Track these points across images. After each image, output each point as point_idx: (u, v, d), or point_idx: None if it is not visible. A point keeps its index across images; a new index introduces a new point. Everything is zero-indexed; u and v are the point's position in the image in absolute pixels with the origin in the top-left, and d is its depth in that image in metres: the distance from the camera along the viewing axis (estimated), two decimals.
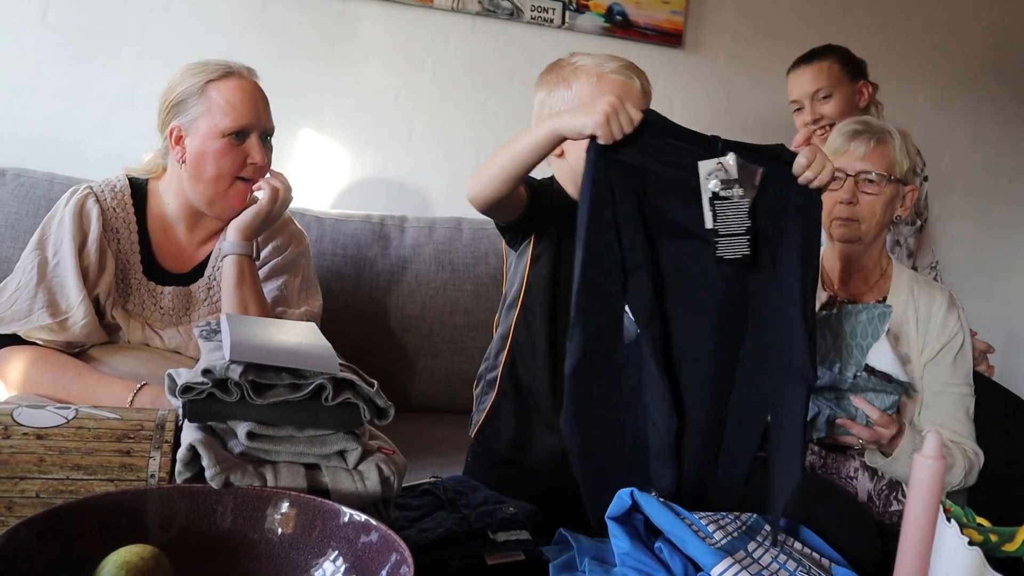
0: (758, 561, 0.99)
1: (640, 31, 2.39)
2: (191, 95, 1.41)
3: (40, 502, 0.83)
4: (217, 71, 1.42)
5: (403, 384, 1.96)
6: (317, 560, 0.81)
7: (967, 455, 1.46)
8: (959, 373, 1.53)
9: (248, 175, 1.44)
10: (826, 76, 2.01)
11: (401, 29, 2.24)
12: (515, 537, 1.01)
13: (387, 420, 0.93)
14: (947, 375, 1.51)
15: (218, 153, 1.40)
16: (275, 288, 1.49)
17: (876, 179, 1.50)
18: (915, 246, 2.15)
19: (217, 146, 1.40)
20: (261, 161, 1.43)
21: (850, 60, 2.04)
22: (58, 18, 2.02)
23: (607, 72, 1.37)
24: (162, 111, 1.44)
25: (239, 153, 1.42)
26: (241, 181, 1.43)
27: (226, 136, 1.40)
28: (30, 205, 1.76)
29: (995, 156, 2.82)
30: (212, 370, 0.87)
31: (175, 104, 1.42)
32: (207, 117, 1.39)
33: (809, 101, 2.03)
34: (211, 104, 1.40)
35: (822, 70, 2.01)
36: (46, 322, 1.32)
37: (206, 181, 1.41)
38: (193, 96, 1.40)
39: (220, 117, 1.39)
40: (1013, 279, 2.89)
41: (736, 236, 1.11)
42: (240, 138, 1.41)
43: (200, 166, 1.40)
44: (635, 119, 1.10)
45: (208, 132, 1.39)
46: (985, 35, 2.74)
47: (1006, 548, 0.96)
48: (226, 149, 1.40)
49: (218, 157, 1.40)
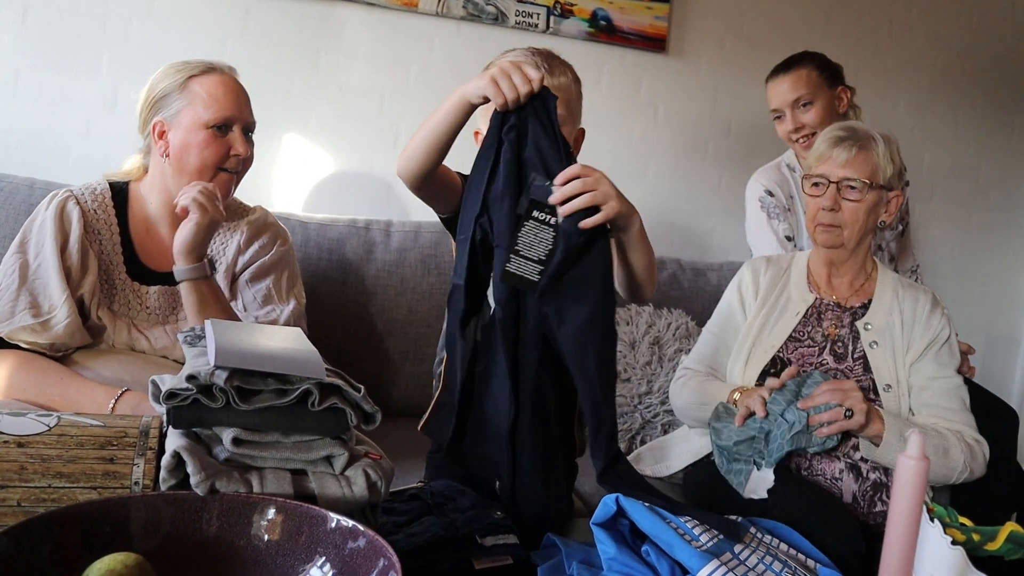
0: (744, 563, 0.99)
1: (624, 36, 2.40)
2: (173, 90, 1.42)
3: (22, 511, 0.82)
4: (199, 67, 1.45)
5: (389, 389, 1.96)
6: (304, 567, 0.81)
7: (964, 440, 1.46)
8: (948, 365, 1.54)
9: (231, 166, 1.46)
10: (805, 84, 2.02)
11: (385, 33, 2.24)
12: (503, 541, 1.00)
13: (374, 425, 0.93)
14: (934, 369, 1.53)
15: (201, 144, 1.42)
16: (263, 287, 1.49)
17: (858, 186, 1.51)
18: (897, 250, 2.17)
19: (200, 137, 1.41)
20: (245, 152, 1.46)
21: (827, 66, 2.05)
22: (38, 23, 2.00)
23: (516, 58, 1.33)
24: (143, 110, 1.46)
25: (222, 144, 1.44)
26: (224, 172, 1.45)
27: (209, 128, 1.42)
28: (10, 211, 1.74)
29: (974, 161, 2.86)
30: (197, 376, 0.86)
31: (157, 100, 1.43)
32: (190, 110, 1.41)
33: (790, 110, 2.03)
34: (193, 97, 1.42)
35: (801, 78, 2.02)
36: (28, 322, 1.32)
37: (189, 173, 1.43)
38: (175, 91, 1.42)
39: (203, 109, 1.41)
40: (992, 283, 2.93)
41: (529, 261, 1.11)
42: (223, 130, 1.44)
43: (183, 158, 1.42)
44: (532, 77, 1.11)
45: (191, 124, 1.41)
46: (964, 41, 2.78)
47: (988, 547, 0.97)
48: (209, 140, 1.42)
49: (201, 148, 1.42)
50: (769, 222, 2.05)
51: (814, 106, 2.02)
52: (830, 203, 1.52)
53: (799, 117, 2.03)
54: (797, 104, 2.03)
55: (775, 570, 1.00)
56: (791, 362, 1.54)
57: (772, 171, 2.13)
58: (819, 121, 2.00)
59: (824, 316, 1.58)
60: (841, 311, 1.59)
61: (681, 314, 2.18)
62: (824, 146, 1.56)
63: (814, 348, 1.56)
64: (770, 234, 2.04)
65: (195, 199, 1.36)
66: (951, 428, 1.47)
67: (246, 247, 1.51)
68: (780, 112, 2.06)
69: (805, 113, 2.03)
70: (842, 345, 1.55)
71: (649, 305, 2.17)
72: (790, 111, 2.04)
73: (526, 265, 1.11)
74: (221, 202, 1.40)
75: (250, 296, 1.48)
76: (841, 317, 1.58)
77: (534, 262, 1.11)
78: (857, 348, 1.55)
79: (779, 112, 2.07)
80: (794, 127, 2.03)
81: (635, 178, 2.46)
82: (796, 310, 1.60)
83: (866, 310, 1.58)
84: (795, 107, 2.03)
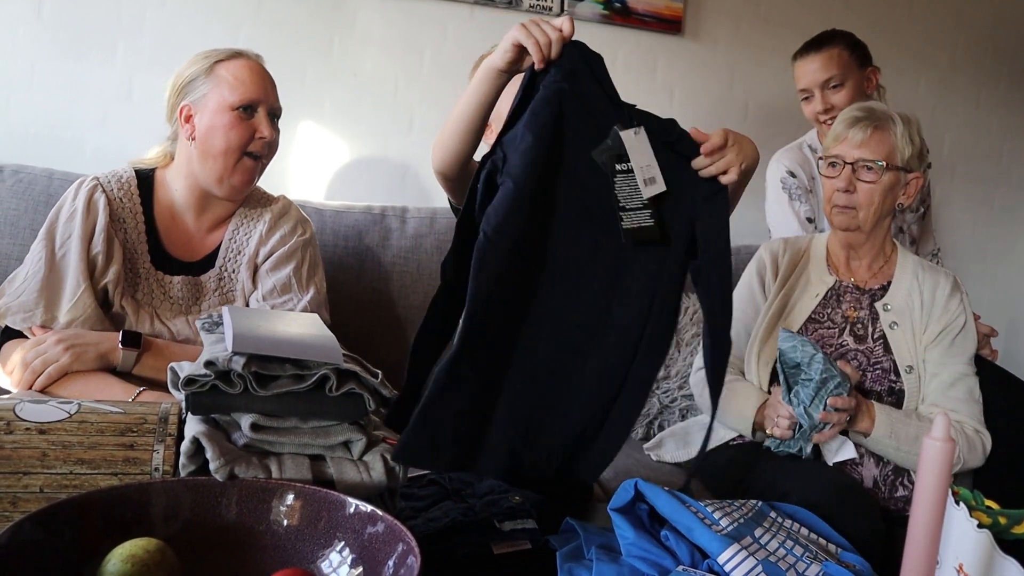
0: (765, 547, 0.98)
1: (639, 18, 2.38)
2: (199, 75, 1.44)
3: (44, 497, 0.83)
4: (225, 53, 1.46)
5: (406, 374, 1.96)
6: (323, 551, 0.81)
7: (963, 432, 1.45)
8: (958, 355, 1.52)
9: (256, 150, 1.46)
10: (836, 64, 1.95)
11: (399, 19, 2.23)
12: (521, 526, 1.00)
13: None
14: (943, 356, 1.51)
15: (227, 126, 1.42)
16: (283, 276, 1.49)
17: (874, 167, 1.49)
18: (918, 233, 2.14)
19: (226, 119, 1.42)
20: (270, 136, 1.46)
21: (857, 45, 2.00)
22: (53, 14, 2.01)
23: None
24: (171, 96, 1.47)
25: (247, 127, 1.44)
26: (249, 157, 1.45)
27: (235, 110, 1.42)
28: (29, 201, 1.75)
29: (996, 141, 2.81)
30: (215, 362, 0.87)
31: (184, 86, 1.45)
32: (216, 92, 1.42)
33: (819, 90, 1.97)
34: (219, 81, 1.43)
35: (832, 58, 1.96)
36: (46, 318, 1.34)
37: (214, 155, 1.43)
38: (201, 76, 1.44)
39: (228, 92, 1.42)
40: (1014, 264, 2.88)
41: (636, 212, 1.08)
42: (248, 112, 1.44)
43: (209, 140, 1.42)
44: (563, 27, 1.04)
45: (217, 106, 1.42)
46: (987, 19, 2.73)
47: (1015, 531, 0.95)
48: (235, 122, 1.42)
49: (227, 130, 1.42)
50: (791, 203, 2.02)
51: (844, 87, 1.96)
52: (844, 184, 1.50)
53: (829, 98, 1.97)
54: (827, 85, 1.96)
55: (796, 554, 0.99)
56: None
57: (794, 152, 2.09)
58: (848, 102, 1.93)
59: (843, 299, 1.57)
60: (860, 293, 1.57)
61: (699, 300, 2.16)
62: (841, 127, 1.53)
63: (834, 330, 1.54)
64: (791, 216, 2.01)
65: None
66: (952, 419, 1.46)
67: (268, 236, 1.51)
68: (809, 92, 2.00)
69: (835, 94, 1.96)
70: (862, 326, 1.54)
71: None
72: (819, 91, 1.97)
73: (636, 215, 1.08)
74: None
75: (270, 284, 1.48)
76: (860, 299, 1.56)
77: (641, 210, 1.07)
78: (877, 329, 1.53)
79: (808, 92, 2.01)
80: (823, 108, 1.97)
81: None
82: (815, 292, 1.58)
83: (885, 291, 1.57)
84: (825, 88, 1.97)
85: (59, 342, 1.29)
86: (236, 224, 1.51)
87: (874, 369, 1.51)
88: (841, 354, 1.52)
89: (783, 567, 0.95)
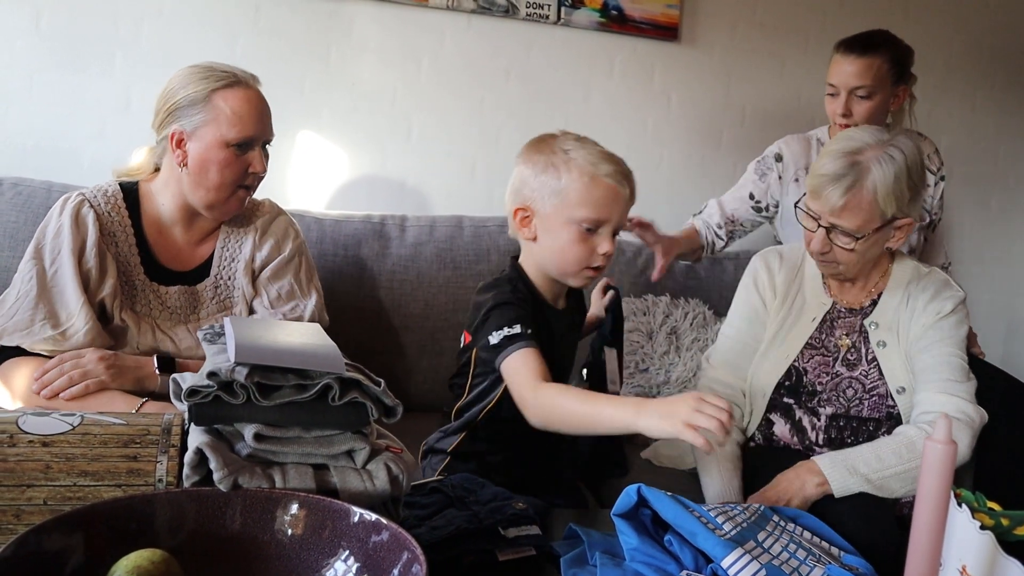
0: (768, 551, 0.98)
1: (636, 25, 2.39)
2: (196, 101, 1.40)
3: (48, 509, 0.83)
4: (223, 79, 1.41)
5: (407, 383, 1.96)
6: (328, 560, 0.81)
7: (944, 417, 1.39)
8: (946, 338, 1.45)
9: (248, 183, 1.47)
10: (873, 75, 1.92)
11: (396, 28, 2.24)
12: (526, 532, 1.00)
13: (395, 418, 0.93)
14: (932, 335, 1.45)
15: (222, 163, 1.41)
16: (286, 284, 1.51)
17: (848, 236, 1.40)
18: (917, 242, 2.12)
19: (222, 156, 1.41)
20: (262, 171, 1.47)
21: (899, 61, 1.97)
22: (51, 26, 2.02)
23: (601, 175, 1.27)
24: (161, 112, 1.44)
25: (242, 163, 1.43)
26: (241, 188, 1.46)
27: (231, 147, 1.41)
28: (28, 214, 1.75)
29: (992, 143, 2.82)
30: (217, 372, 0.87)
31: (177, 108, 1.41)
32: (213, 126, 1.40)
33: (846, 93, 1.94)
34: (218, 113, 1.40)
35: (871, 67, 1.92)
36: (48, 334, 1.33)
37: (207, 188, 1.43)
38: (198, 103, 1.40)
39: (227, 128, 1.40)
40: (1012, 265, 2.89)
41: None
42: (243, 149, 1.43)
43: (203, 173, 1.41)
44: (721, 405, 1.05)
45: (213, 141, 1.40)
46: (982, 22, 2.74)
47: (1018, 532, 0.96)
48: (230, 159, 1.42)
49: (222, 167, 1.41)
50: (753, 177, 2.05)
51: (870, 100, 1.94)
52: (819, 247, 1.43)
53: (852, 105, 1.95)
54: (856, 91, 1.94)
55: (799, 558, 0.99)
56: (807, 372, 1.50)
57: (799, 140, 2.08)
58: (867, 118, 1.92)
59: (836, 324, 1.52)
60: (851, 315, 1.52)
61: (698, 304, 2.17)
62: (818, 180, 1.40)
63: (828, 358, 1.51)
64: (744, 185, 2.06)
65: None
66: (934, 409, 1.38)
67: (262, 243, 1.52)
68: (836, 90, 1.97)
69: (859, 104, 1.94)
70: (854, 351, 1.50)
71: (666, 295, 2.16)
72: (846, 94, 1.94)
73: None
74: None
75: (274, 293, 1.50)
76: (852, 323, 1.52)
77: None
78: (868, 351, 1.49)
79: (835, 89, 1.97)
80: (843, 111, 1.95)
81: (649, 167, 2.44)
82: (812, 315, 1.53)
83: (875, 306, 1.51)
84: (853, 93, 1.94)
85: (101, 360, 1.32)
86: (226, 233, 1.51)
87: (870, 397, 1.47)
88: (836, 384, 1.49)
89: (786, 571, 0.95)
